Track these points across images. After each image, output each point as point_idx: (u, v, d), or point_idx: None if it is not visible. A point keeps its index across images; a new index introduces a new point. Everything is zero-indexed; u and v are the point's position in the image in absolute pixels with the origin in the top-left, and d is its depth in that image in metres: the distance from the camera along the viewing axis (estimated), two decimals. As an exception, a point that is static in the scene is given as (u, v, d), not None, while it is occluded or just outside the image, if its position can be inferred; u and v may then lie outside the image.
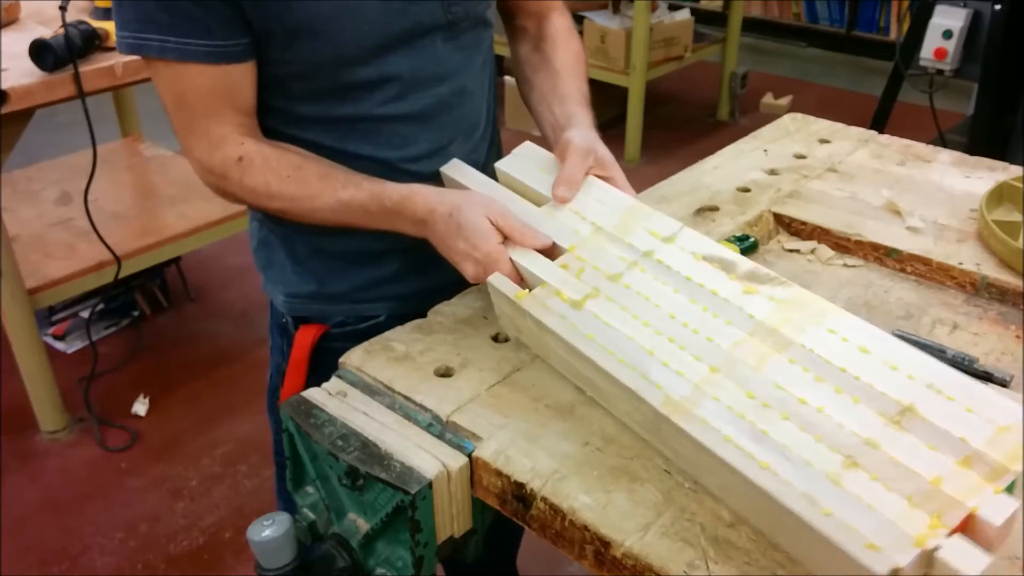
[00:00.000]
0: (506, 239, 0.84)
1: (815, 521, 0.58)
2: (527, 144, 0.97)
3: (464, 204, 0.86)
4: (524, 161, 0.96)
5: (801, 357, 0.68)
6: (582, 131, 0.94)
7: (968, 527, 0.57)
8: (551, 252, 0.85)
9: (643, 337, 0.74)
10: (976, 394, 0.62)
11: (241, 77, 0.90)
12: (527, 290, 0.82)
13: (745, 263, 0.76)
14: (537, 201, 0.91)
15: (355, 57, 0.91)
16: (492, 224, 0.84)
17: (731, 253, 0.78)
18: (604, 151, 0.93)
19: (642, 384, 0.71)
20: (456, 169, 0.98)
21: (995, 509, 0.56)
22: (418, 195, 0.89)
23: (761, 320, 0.71)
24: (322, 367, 1.01)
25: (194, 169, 0.95)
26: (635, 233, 0.82)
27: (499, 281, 0.83)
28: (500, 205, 0.86)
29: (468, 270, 0.85)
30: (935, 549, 0.55)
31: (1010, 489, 0.58)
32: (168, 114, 0.92)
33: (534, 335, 0.82)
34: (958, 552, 0.55)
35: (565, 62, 1.06)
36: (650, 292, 0.77)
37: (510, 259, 0.83)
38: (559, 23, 1.11)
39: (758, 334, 0.71)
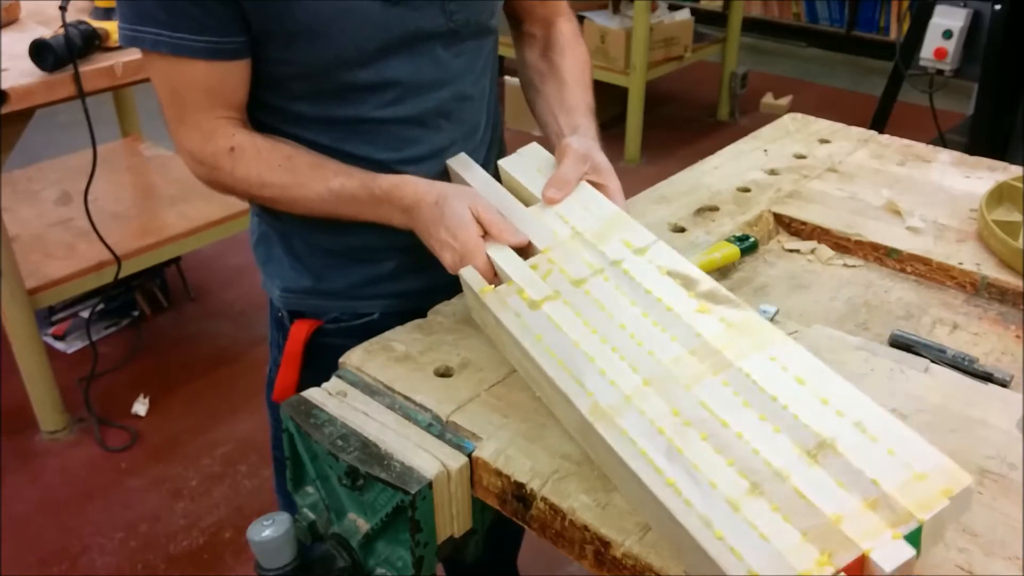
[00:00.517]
0: (486, 233, 0.86)
1: (705, 543, 0.58)
2: (533, 145, 0.99)
3: (450, 194, 0.88)
4: (526, 161, 0.97)
5: (735, 381, 0.68)
6: (582, 139, 0.96)
7: (860, 570, 0.56)
8: (526, 251, 0.87)
9: (588, 343, 0.75)
10: (902, 438, 0.61)
11: (234, 74, 0.91)
12: (494, 286, 0.84)
13: (708, 282, 0.77)
14: (529, 201, 0.93)
15: (354, 60, 0.92)
16: (474, 216, 0.86)
17: (697, 272, 0.79)
18: (601, 158, 0.94)
19: (574, 389, 0.72)
20: (461, 163, 1.00)
21: (889, 555, 0.55)
22: (407, 184, 0.90)
23: (707, 340, 0.72)
24: (316, 362, 1.02)
25: (184, 161, 0.96)
26: (610, 241, 0.84)
27: (469, 274, 0.85)
28: (485, 199, 0.88)
29: (446, 259, 0.87)
30: None
31: (913, 538, 0.56)
32: (161, 106, 0.93)
33: (494, 329, 0.84)
34: None
35: (572, 72, 1.08)
36: (607, 301, 0.78)
37: (486, 253, 0.85)
38: (566, 29, 1.11)
39: (699, 353, 0.71)
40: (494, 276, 0.85)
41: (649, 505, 0.64)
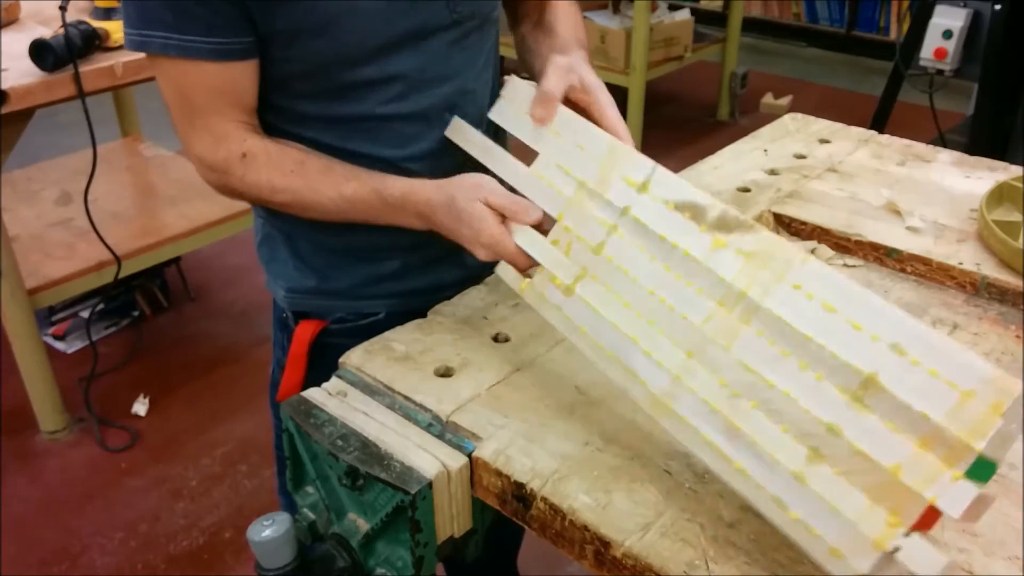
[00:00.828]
0: (505, 219, 0.85)
1: (785, 527, 0.60)
2: (512, 81, 0.95)
3: (457, 193, 0.86)
4: (513, 105, 0.94)
5: (768, 327, 0.66)
6: (566, 56, 0.93)
7: (931, 517, 0.56)
8: (543, 223, 0.86)
9: (626, 323, 0.75)
10: (941, 352, 0.58)
11: (243, 75, 0.90)
12: (530, 275, 0.84)
13: (715, 207, 0.74)
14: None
15: (358, 57, 0.91)
16: (488, 207, 0.85)
17: (702, 196, 0.76)
18: (589, 74, 0.91)
19: (629, 381, 0.72)
20: (456, 132, 0.98)
21: (952, 500, 0.54)
22: (418, 190, 0.89)
23: (730, 283, 0.70)
24: (321, 362, 1.01)
25: (195, 166, 0.95)
26: (612, 184, 0.81)
27: (504, 273, 0.85)
28: (491, 184, 0.87)
29: (480, 254, 0.87)
30: (895, 551, 0.55)
31: (976, 471, 0.55)
32: (169, 111, 0.92)
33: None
34: (915, 554, 0.55)
35: (564, 24, 1.06)
36: (629, 264, 0.77)
37: (513, 241, 0.84)
38: (565, 6, 1.10)
39: (727, 302, 0.70)
40: (528, 259, 0.85)
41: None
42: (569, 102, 0.89)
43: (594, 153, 0.84)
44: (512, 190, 0.88)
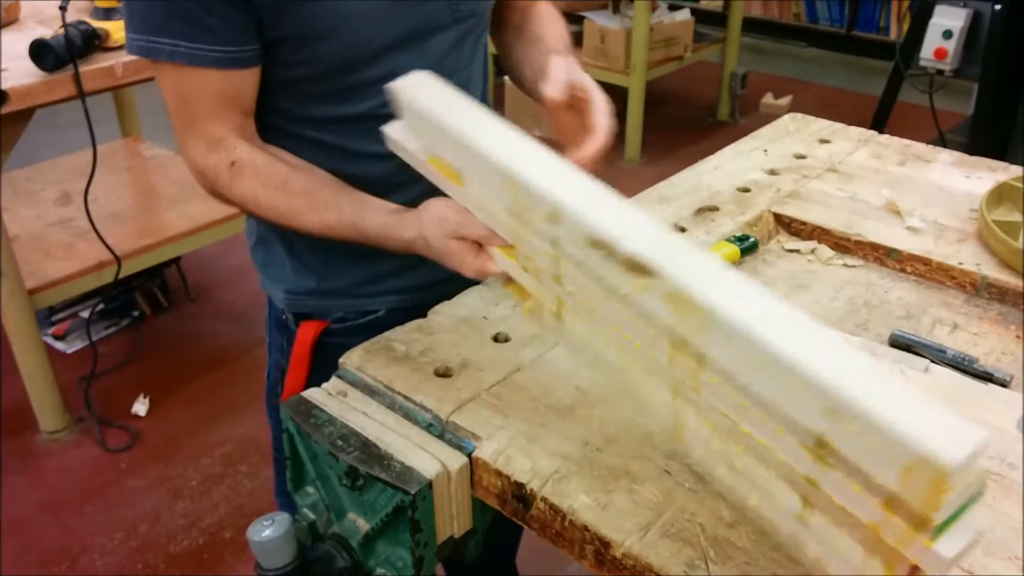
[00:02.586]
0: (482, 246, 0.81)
1: (806, 563, 0.60)
2: (415, 76, 0.84)
3: (427, 233, 0.84)
4: (422, 124, 0.82)
5: (721, 376, 0.61)
6: (562, 59, 0.91)
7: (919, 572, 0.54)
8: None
9: (612, 354, 0.71)
10: (872, 426, 0.51)
11: (246, 81, 0.90)
12: (527, 299, 0.80)
13: (621, 243, 0.65)
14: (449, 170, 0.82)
15: (363, 58, 0.92)
16: (459, 241, 0.81)
17: (606, 230, 0.66)
18: (583, 76, 0.90)
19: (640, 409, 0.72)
20: (395, 144, 0.87)
21: (933, 564, 0.52)
22: (394, 232, 0.87)
23: (672, 328, 0.64)
24: (322, 363, 1.01)
25: (189, 169, 0.95)
26: (529, 213, 0.73)
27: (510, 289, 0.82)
28: (455, 214, 0.81)
29: (471, 277, 0.85)
30: None
31: (944, 527, 0.51)
32: (169, 113, 0.92)
33: None
34: None
35: (553, 35, 1.06)
36: (589, 297, 0.71)
37: (492, 263, 0.81)
38: (543, 8, 1.11)
39: (679, 347, 0.64)
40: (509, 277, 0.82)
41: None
42: (570, 103, 0.89)
43: (499, 180, 0.75)
44: None
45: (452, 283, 0.95)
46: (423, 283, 1.02)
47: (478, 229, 0.80)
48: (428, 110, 0.80)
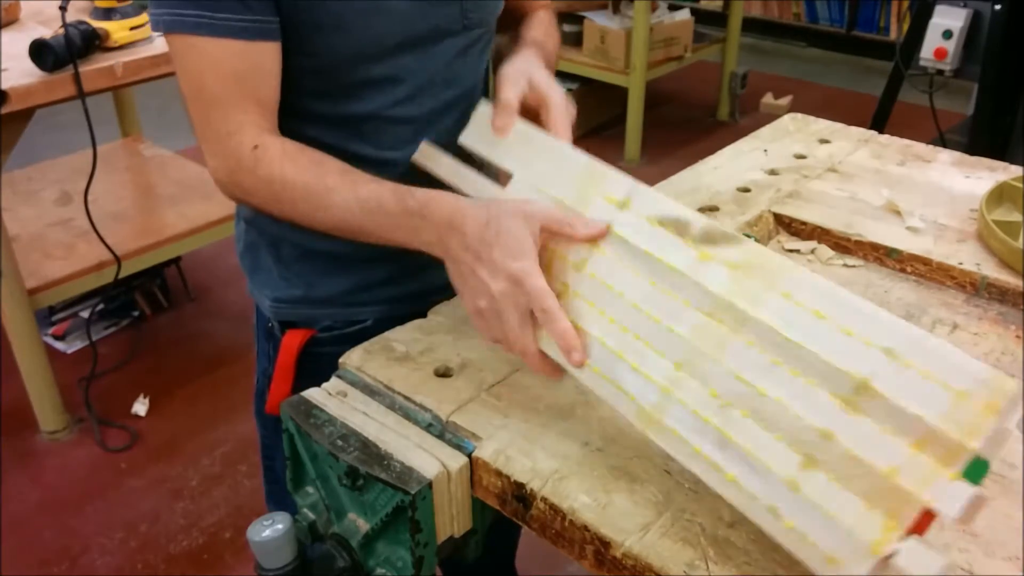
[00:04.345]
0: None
1: (779, 536, 0.59)
2: (482, 105, 0.93)
3: (503, 213, 0.75)
4: (483, 128, 0.91)
5: (758, 337, 0.66)
6: (517, 60, 0.92)
7: (927, 520, 0.56)
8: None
9: (611, 337, 0.73)
10: (934, 354, 0.58)
11: (268, 58, 0.88)
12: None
13: (699, 220, 0.73)
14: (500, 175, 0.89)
15: (371, 55, 0.91)
16: (534, 234, 0.73)
17: (685, 211, 0.75)
18: (538, 71, 0.89)
19: (617, 396, 0.71)
20: (426, 155, 0.94)
21: (949, 501, 0.54)
22: (445, 196, 0.80)
23: (718, 295, 0.69)
24: (308, 372, 0.99)
25: (207, 161, 0.91)
26: (592, 202, 0.79)
27: None
28: (540, 208, 0.76)
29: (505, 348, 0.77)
30: (892, 555, 0.55)
31: (973, 471, 0.54)
32: (186, 102, 0.89)
33: None
34: (913, 558, 0.54)
35: (529, 30, 1.06)
36: (613, 280, 0.75)
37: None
38: (542, 14, 1.11)
39: (716, 313, 0.69)
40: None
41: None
42: (525, 106, 0.88)
43: (571, 172, 0.81)
44: None
45: (443, 293, 0.93)
46: (414, 291, 1.01)
47: (564, 217, 0.74)
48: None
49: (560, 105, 0.88)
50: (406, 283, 1.04)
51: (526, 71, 0.90)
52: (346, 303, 1.05)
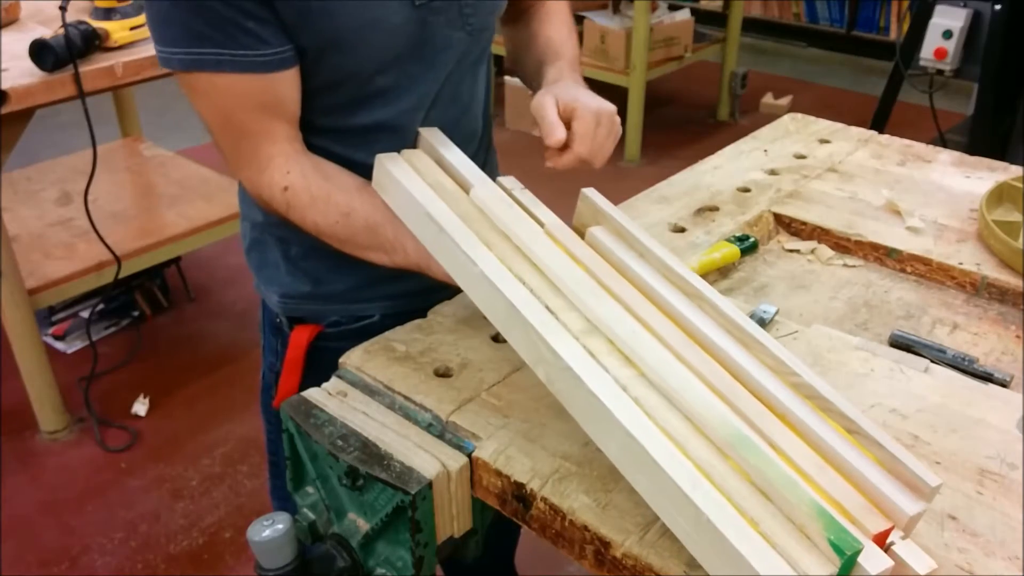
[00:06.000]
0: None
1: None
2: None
3: None
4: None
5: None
6: (547, 89, 0.93)
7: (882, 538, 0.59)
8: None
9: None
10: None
11: (289, 85, 0.89)
12: None
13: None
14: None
15: (374, 70, 0.92)
16: None
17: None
18: (575, 95, 0.90)
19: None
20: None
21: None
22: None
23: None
24: (316, 366, 1.01)
25: (245, 188, 0.95)
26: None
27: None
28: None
29: None
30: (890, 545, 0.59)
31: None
32: (212, 132, 0.91)
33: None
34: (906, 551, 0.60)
35: (555, 29, 1.07)
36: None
37: None
38: (553, 5, 1.11)
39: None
40: None
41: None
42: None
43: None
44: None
45: (447, 289, 0.94)
46: (419, 288, 1.01)
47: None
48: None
49: (589, 121, 0.88)
50: (411, 279, 1.04)
51: (567, 91, 0.91)
52: (353, 299, 1.06)
